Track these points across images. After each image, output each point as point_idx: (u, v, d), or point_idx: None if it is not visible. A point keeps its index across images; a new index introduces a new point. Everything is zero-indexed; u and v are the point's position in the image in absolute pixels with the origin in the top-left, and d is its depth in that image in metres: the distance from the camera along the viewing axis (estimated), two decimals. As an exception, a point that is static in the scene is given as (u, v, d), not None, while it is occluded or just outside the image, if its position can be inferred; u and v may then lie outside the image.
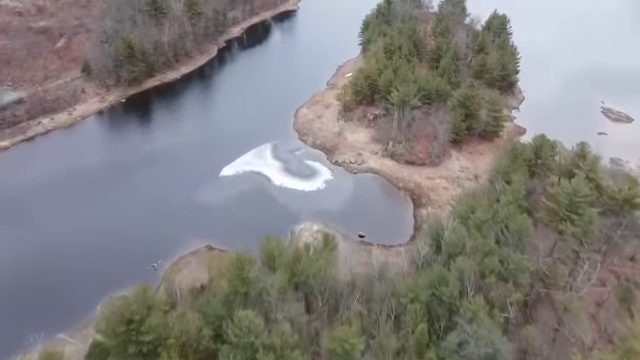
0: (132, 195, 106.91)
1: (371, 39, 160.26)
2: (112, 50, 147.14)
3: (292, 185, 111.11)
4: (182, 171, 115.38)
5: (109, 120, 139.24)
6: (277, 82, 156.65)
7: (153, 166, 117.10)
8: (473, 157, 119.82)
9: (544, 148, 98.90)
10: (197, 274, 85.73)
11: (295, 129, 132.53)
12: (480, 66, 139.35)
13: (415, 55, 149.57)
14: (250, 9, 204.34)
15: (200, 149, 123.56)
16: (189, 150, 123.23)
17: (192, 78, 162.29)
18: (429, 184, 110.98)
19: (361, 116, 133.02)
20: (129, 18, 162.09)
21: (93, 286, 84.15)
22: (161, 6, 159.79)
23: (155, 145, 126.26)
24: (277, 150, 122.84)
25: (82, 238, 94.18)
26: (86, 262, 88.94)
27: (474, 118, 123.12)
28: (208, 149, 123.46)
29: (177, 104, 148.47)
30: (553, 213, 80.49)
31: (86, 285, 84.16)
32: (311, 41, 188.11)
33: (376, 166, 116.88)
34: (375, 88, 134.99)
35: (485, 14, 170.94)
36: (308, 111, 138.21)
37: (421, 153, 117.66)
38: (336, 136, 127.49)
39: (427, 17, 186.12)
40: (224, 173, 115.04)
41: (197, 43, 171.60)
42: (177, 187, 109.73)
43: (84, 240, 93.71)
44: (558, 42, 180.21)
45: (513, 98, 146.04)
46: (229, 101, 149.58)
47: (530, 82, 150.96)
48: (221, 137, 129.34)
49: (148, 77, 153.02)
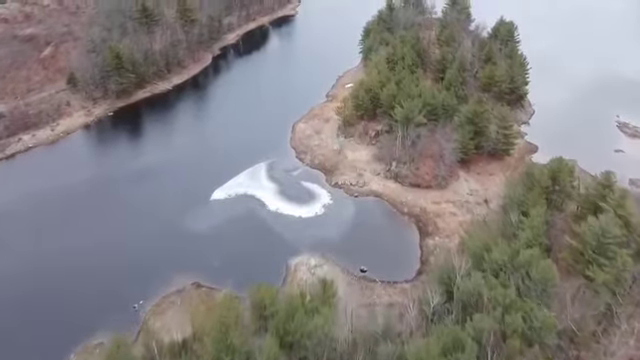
0: (113, 221, 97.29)
1: (372, 48, 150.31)
2: (99, 60, 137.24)
3: (288, 211, 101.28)
4: (170, 193, 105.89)
5: (95, 135, 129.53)
6: (274, 93, 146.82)
7: (139, 187, 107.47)
8: (482, 178, 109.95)
9: (562, 173, 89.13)
10: (182, 318, 76.07)
11: (292, 146, 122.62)
12: (488, 78, 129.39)
13: (419, 66, 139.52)
14: (246, 15, 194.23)
15: (191, 168, 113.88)
16: (179, 169, 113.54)
17: (185, 88, 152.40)
18: (435, 209, 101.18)
19: (362, 132, 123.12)
20: (119, 26, 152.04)
21: (65, 332, 74.93)
22: (152, 13, 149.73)
23: (142, 163, 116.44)
24: (272, 170, 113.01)
25: (53, 272, 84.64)
26: (57, 302, 79.55)
27: (483, 136, 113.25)
28: (199, 168, 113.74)
29: (168, 117, 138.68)
30: (578, 254, 70.73)
31: (57, 331, 74.68)
32: (310, 48, 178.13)
33: (378, 189, 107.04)
34: (377, 102, 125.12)
35: (490, 20, 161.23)
36: (306, 126, 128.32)
37: (427, 174, 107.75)
38: (336, 154, 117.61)
39: (430, 23, 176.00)
40: (215, 196, 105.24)
41: (190, 51, 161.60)
42: (164, 212, 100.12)
43: (55, 274, 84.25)
44: (565, 49, 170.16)
45: (523, 112, 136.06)
46: (223, 113, 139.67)
47: (540, 94, 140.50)
48: (214, 154, 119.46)
49: (138, 88, 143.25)
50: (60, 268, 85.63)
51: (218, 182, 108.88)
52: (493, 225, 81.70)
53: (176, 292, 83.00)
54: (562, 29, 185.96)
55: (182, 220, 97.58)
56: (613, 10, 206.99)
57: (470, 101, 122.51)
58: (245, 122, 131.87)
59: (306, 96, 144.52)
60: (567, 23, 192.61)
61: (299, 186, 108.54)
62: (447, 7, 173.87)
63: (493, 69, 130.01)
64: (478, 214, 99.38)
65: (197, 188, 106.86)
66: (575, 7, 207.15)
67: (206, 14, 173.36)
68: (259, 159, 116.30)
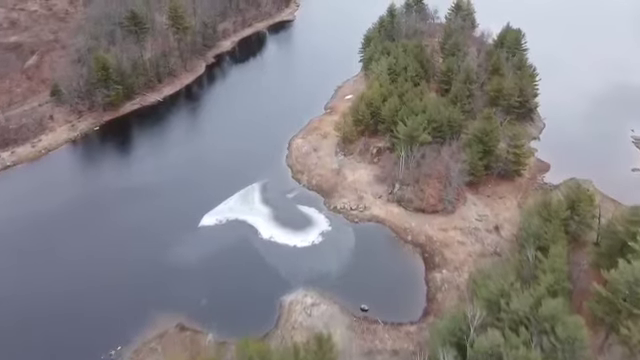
0: (91, 250, 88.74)
1: (373, 57, 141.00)
2: (85, 71, 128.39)
3: (283, 239, 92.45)
4: (157, 218, 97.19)
5: (79, 152, 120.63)
6: (270, 104, 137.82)
7: (123, 211, 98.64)
8: (492, 202, 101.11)
9: (582, 203, 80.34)
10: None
11: (288, 164, 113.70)
12: (496, 91, 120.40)
13: (422, 77, 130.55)
14: (242, 20, 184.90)
15: (180, 189, 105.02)
16: (168, 190, 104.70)
17: (177, 100, 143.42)
18: (442, 237, 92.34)
19: (363, 149, 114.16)
20: (107, 34, 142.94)
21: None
22: (142, 21, 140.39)
23: (128, 183, 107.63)
24: (266, 192, 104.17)
25: (23, 311, 76.02)
26: (23, 350, 70.65)
27: (493, 155, 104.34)
28: (189, 189, 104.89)
29: (158, 131, 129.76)
30: (607, 303, 61.83)
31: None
32: (308, 56, 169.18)
33: (381, 214, 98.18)
34: (378, 117, 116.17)
35: (494, 24, 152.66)
36: (303, 142, 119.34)
37: (432, 198, 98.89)
38: (335, 174, 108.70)
39: (433, 29, 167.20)
40: (204, 222, 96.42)
41: (183, 60, 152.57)
42: (148, 240, 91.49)
43: (25, 313, 75.65)
44: (573, 54, 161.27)
45: (533, 126, 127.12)
46: (216, 127, 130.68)
47: (549, 105, 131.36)
48: (205, 173, 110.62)
49: (126, 100, 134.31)
50: (25, 306, 76.89)
51: (208, 205, 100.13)
52: (508, 264, 72.66)
53: (158, 336, 74.40)
54: (569, 31, 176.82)
55: (168, 250, 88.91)
56: (623, 11, 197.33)
57: (478, 117, 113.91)
58: (239, 136, 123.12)
59: (303, 108, 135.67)
60: (574, 25, 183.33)
61: (295, 210, 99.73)
62: (451, 13, 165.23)
63: (501, 81, 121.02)
64: (489, 244, 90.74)
65: (185, 212, 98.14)
66: (583, 7, 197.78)
67: (200, 21, 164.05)
68: (253, 179, 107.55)
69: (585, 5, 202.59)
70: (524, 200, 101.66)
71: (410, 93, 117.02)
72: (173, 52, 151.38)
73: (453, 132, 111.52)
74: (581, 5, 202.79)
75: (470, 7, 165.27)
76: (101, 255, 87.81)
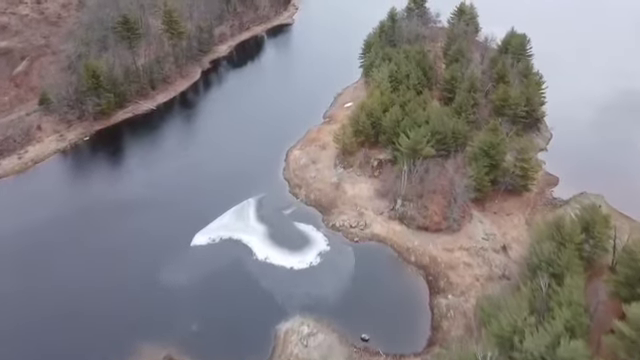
0: (75, 270, 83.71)
1: (374, 63, 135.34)
2: (75, 79, 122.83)
3: (279, 260, 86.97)
4: (147, 236, 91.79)
5: (67, 164, 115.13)
6: (267, 112, 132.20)
7: (112, 228, 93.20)
8: (499, 219, 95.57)
9: (597, 225, 74.80)
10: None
11: (285, 178, 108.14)
12: (501, 100, 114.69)
13: (425, 84, 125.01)
14: (240, 24, 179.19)
15: (172, 203, 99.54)
16: (159, 204, 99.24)
17: (171, 107, 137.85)
18: (447, 258, 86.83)
19: (363, 162, 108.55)
20: (98, 40, 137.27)
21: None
22: (134, 26, 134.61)
23: (118, 197, 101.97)
24: (262, 208, 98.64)
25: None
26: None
27: (499, 170, 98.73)
28: (181, 204, 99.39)
29: (150, 141, 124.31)
30: (629, 342, 56.27)
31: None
32: (307, 60, 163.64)
33: (382, 232, 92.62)
34: (379, 127, 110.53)
35: (497, 27, 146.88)
36: (301, 153, 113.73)
37: (436, 215, 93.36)
38: (334, 189, 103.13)
39: (435, 34, 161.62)
40: (196, 241, 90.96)
41: (178, 66, 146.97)
42: (137, 261, 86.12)
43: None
44: (578, 60, 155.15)
45: (540, 136, 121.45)
46: (211, 136, 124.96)
47: (556, 113, 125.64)
48: (199, 186, 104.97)
49: (118, 108, 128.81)
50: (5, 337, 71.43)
51: (201, 222, 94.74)
52: (519, 295, 67.00)
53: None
54: (573, 35, 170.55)
55: (157, 272, 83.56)
56: (628, 14, 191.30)
57: (483, 128, 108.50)
58: (235, 147, 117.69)
59: (302, 116, 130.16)
60: (578, 28, 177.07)
61: (292, 228, 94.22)
62: (454, 17, 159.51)
63: (507, 90, 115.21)
64: (496, 265, 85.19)
65: (177, 229, 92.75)
66: (586, 10, 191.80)
67: (195, 25, 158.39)
68: (248, 193, 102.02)
69: (589, 8, 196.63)
70: (532, 217, 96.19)
71: (413, 103, 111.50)
72: (168, 58, 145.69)
73: (458, 144, 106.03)
74: (585, 8, 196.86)
75: (473, 11, 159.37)
76: (84, 276, 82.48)
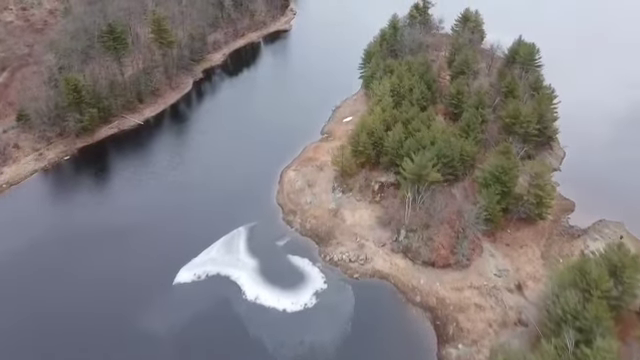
0: (41, 317, 74.46)
1: (375, 75, 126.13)
2: (54, 93, 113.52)
3: (270, 300, 78.01)
4: (126, 271, 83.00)
5: (46, 186, 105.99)
6: (262, 127, 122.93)
7: (89, 259, 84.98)
8: (512, 251, 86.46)
9: (627, 270, 65.60)
10: None
11: (279, 203, 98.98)
12: (512, 118, 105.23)
13: (429, 99, 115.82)
14: (234, 31, 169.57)
15: (157, 231, 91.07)
16: (142, 234, 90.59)
17: (159, 122, 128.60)
18: (456, 299, 77.77)
19: (363, 185, 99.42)
20: (82, 50, 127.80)
21: None
22: (120, 36, 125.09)
23: (98, 224, 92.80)
24: (253, 239, 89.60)
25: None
26: None
27: (511, 196, 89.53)
28: (167, 232, 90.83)
29: (137, 159, 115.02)
30: None
31: None
32: (305, 69, 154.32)
33: (384, 267, 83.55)
34: (381, 147, 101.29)
35: (502, 33, 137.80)
36: (296, 175, 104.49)
37: (443, 248, 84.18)
38: (331, 216, 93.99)
39: (439, 41, 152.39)
40: (181, 278, 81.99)
41: (167, 77, 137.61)
42: (113, 301, 77.37)
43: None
44: (590, 70, 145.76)
45: (552, 155, 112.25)
46: (201, 155, 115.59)
47: (569, 130, 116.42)
48: (186, 212, 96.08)
49: (103, 124, 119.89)
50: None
51: (187, 254, 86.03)
52: (539, 354, 57.89)
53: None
54: (584, 43, 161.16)
55: (134, 317, 74.79)
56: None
57: (493, 149, 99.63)
58: (226, 166, 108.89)
59: (298, 131, 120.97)
60: (589, 36, 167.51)
61: (285, 263, 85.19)
62: (458, 24, 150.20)
63: (518, 107, 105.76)
64: (511, 307, 76.12)
65: (161, 263, 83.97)
66: (597, 17, 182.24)
67: (187, 33, 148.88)
68: (239, 221, 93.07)
69: (600, 15, 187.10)
70: (548, 249, 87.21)
71: (417, 121, 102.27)
72: (157, 68, 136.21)
73: (465, 167, 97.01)
74: (596, 15, 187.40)
75: (478, 18, 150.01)
76: (52, 323, 73.52)
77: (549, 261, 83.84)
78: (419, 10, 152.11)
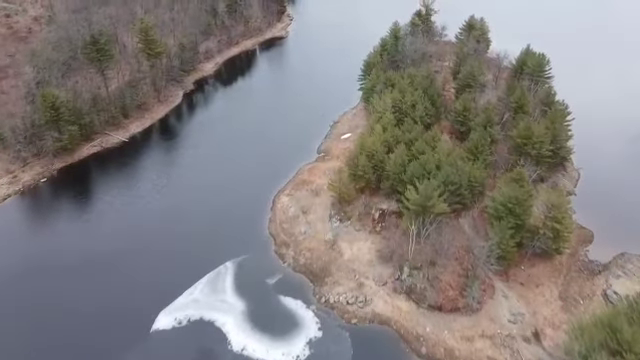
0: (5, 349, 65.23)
1: (375, 89, 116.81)
2: (31, 110, 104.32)
3: (258, 352, 69.09)
4: (98, 314, 73.72)
5: (20, 212, 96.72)
6: (255, 144, 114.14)
7: (62, 297, 76.27)
8: (527, 292, 77.24)
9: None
10: None
11: (271, 232, 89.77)
12: (523, 138, 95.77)
13: (433, 115, 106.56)
14: (228, 38, 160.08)
15: (137, 267, 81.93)
16: (122, 267, 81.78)
17: (146, 138, 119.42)
18: (467, 351, 68.61)
19: (363, 213, 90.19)
20: (63, 62, 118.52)
21: None
22: (104, 47, 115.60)
23: (75, 256, 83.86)
24: (242, 276, 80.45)
25: None
26: None
27: (526, 229, 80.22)
28: (147, 267, 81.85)
29: (121, 180, 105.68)
30: None
31: None
32: (301, 80, 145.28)
33: (385, 311, 74.37)
34: (382, 171, 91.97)
35: (507, 40, 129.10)
36: (290, 200, 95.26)
37: (451, 289, 75.02)
38: (328, 248, 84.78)
39: (442, 50, 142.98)
40: (159, 323, 72.94)
41: (155, 89, 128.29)
42: (80, 354, 67.59)
43: None
44: (602, 81, 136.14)
45: (566, 177, 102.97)
46: (189, 174, 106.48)
47: (582, 148, 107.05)
48: (170, 242, 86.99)
49: (84, 141, 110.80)
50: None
51: (168, 293, 77.13)
52: None
53: None
54: (595, 52, 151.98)
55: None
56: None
57: (503, 175, 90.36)
58: (215, 188, 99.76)
59: (293, 149, 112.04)
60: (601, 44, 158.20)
61: (276, 305, 76.01)
62: (462, 33, 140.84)
63: (530, 126, 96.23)
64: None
65: (139, 304, 75.17)
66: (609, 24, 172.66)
67: (177, 42, 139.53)
68: (226, 254, 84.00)
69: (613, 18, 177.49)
70: (567, 288, 78.04)
71: (420, 142, 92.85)
72: (144, 80, 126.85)
73: (474, 194, 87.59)
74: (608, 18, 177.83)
75: (484, 26, 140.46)
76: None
77: (568, 303, 74.55)
78: (421, 18, 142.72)
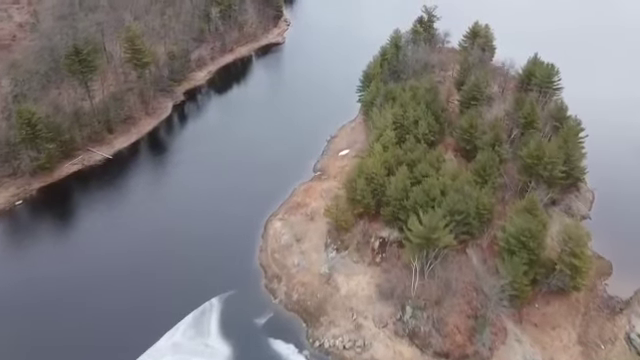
0: None
1: (375, 102, 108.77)
2: (6, 127, 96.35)
3: (244, 410, 60.72)
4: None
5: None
6: (247, 160, 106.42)
7: (27, 336, 67.94)
8: (541, 334, 69.32)
9: None
10: None
11: (261, 264, 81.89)
12: (535, 159, 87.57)
13: (437, 132, 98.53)
14: (221, 45, 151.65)
15: (114, 303, 73.68)
16: (95, 305, 73.51)
17: (132, 154, 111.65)
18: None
19: (361, 241, 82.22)
20: (45, 73, 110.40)
21: None
22: (87, 58, 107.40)
23: (45, 289, 76.33)
24: (228, 315, 72.77)
25: None
26: None
27: (540, 264, 72.20)
28: (125, 305, 73.52)
29: (103, 201, 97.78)
30: None
31: None
32: (298, 90, 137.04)
33: (386, 357, 66.85)
34: (382, 195, 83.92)
35: (511, 46, 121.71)
36: (283, 226, 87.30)
37: (459, 333, 67.18)
38: (323, 283, 76.86)
39: (445, 58, 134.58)
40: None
41: (143, 101, 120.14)
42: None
43: None
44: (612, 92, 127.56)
45: (580, 198, 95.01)
46: (175, 195, 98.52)
47: (596, 167, 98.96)
48: (150, 276, 78.99)
49: (65, 159, 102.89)
50: None
51: (147, 336, 69.34)
52: None
53: None
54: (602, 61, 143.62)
55: None
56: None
57: (512, 196, 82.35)
58: (202, 214, 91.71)
59: (288, 166, 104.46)
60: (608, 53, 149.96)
61: (265, 350, 68.35)
62: (466, 40, 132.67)
63: (541, 145, 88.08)
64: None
65: (111, 348, 66.64)
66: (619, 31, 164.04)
67: (168, 49, 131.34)
68: (212, 289, 76.48)
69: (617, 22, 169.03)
70: (586, 330, 70.07)
71: (424, 163, 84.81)
72: (132, 91, 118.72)
73: (482, 222, 79.48)
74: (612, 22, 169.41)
75: (489, 33, 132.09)
76: None
77: (588, 348, 66.68)
78: (423, 25, 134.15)
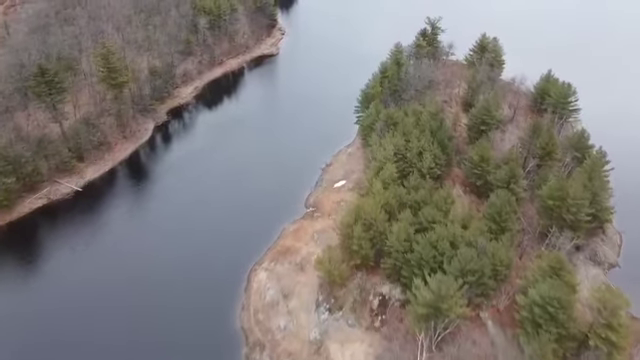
0: None
1: (374, 126, 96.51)
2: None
3: None
4: None
5: None
6: (231, 193, 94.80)
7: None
8: None
9: None
10: None
11: (242, 326, 69.45)
12: (557, 200, 75.12)
13: (444, 164, 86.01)
14: (210, 58, 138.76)
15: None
16: None
17: (104, 185, 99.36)
18: None
19: (358, 299, 69.88)
20: (7, 96, 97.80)
21: None
22: (54, 80, 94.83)
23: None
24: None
25: None
26: None
27: (571, 339, 59.62)
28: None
29: (67, 242, 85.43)
30: None
31: None
32: (291, 108, 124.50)
33: None
34: (382, 244, 71.43)
35: (519, 58, 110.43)
36: (269, 278, 74.86)
37: None
38: (312, 353, 64.60)
39: (450, 73, 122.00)
40: None
41: (120, 124, 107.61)
42: None
43: None
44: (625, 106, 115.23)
45: (607, 242, 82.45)
46: (146, 240, 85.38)
47: (620, 204, 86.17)
48: (111, 346, 66.20)
49: (28, 193, 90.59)
50: None
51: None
52: None
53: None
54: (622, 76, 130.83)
55: None
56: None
57: (532, 244, 70.01)
58: (177, 263, 79.32)
59: (277, 201, 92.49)
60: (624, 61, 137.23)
61: None
62: (473, 55, 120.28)
63: (563, 185, 75.63)
64: None
65: None
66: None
67: (149, 65, 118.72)
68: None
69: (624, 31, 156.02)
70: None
71: (430, 206, 72.31)
72: (108, 112, 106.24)
73: (498, 280, 66.94)
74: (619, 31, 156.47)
75: (497, 47, 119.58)
76: None
77: None
78: (426, 38, 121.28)
